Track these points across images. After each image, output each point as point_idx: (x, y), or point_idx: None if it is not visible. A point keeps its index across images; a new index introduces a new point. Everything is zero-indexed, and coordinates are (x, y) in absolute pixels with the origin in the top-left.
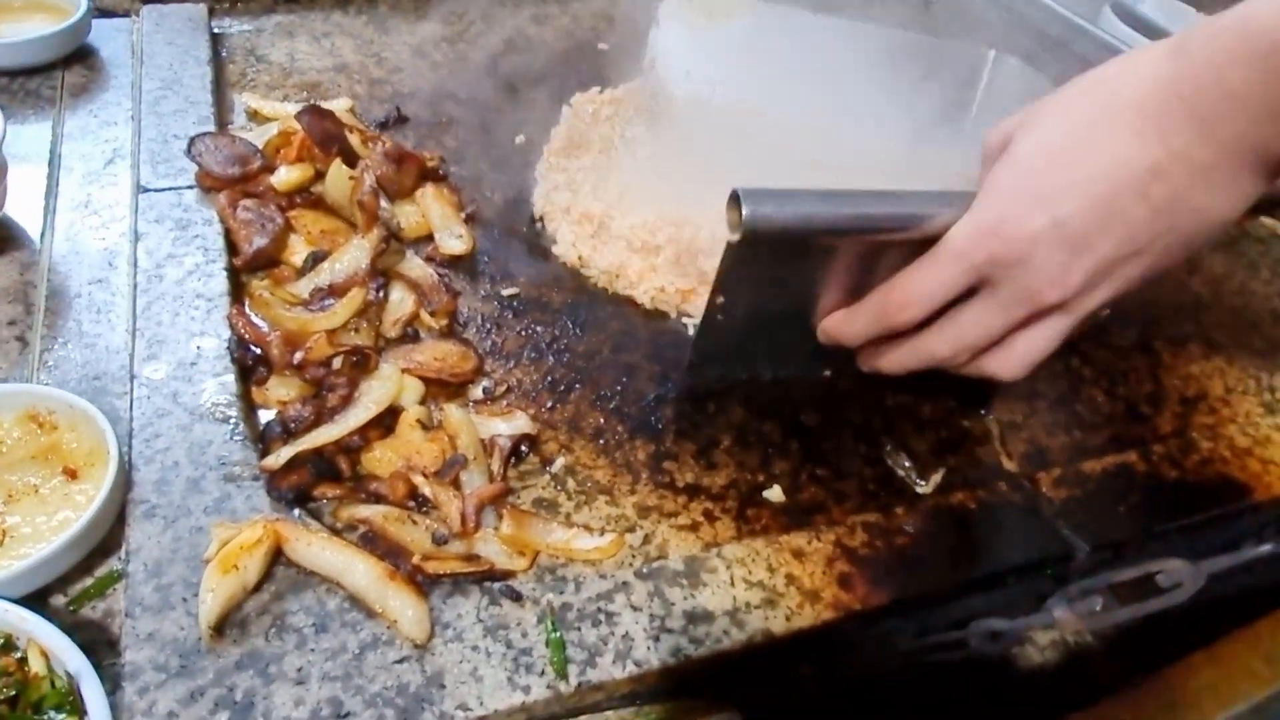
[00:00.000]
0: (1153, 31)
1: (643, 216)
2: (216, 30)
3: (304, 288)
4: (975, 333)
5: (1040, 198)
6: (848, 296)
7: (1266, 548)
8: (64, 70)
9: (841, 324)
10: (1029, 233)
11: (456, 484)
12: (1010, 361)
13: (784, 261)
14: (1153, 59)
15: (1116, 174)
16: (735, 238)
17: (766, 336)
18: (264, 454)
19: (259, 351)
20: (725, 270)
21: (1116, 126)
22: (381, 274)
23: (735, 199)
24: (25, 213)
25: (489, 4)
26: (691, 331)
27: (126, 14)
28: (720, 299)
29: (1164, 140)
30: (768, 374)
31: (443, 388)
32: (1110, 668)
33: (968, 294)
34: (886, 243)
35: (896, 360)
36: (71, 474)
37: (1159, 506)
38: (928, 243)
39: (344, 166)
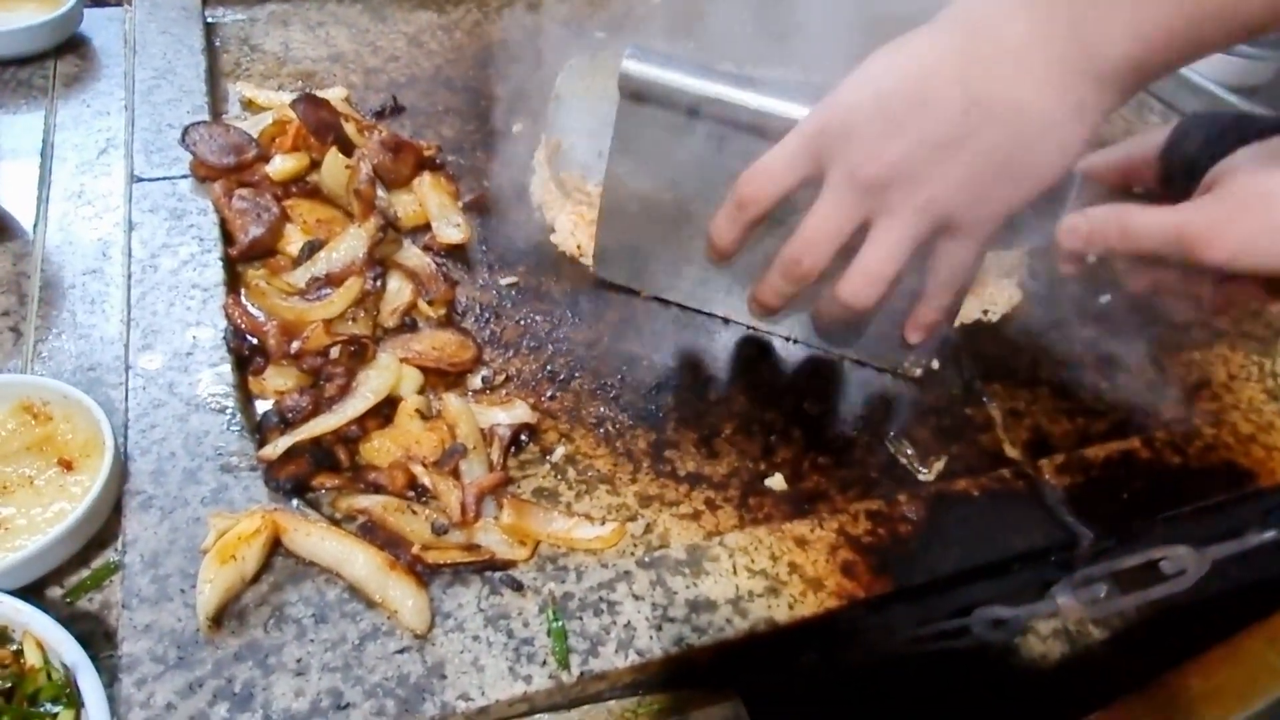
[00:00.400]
0: None
1: None
2: (210, 19)
3: (300, 277)
4: (815, 225)
5: (868, 77)
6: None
7: (1271, 534)
8: (56, 60)
9: (714, 226)
10: (851, 101)
11: (456, 474)
12: (855, 278)
13: (672, 137)
14: None
15: (937, 59)
16: (622, 93)
17: (668, 244)
18: (261, 444)
19: (255, 341)
20: (618, 132)
21: (950, 23)
22: (379, 263)
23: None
24: (18, 203)
25: None
26: (689, 319)
27: (119, 3)
28: (618, 168)
29: (991, 33)
30: (672, 294)
31: (441, 377)
32: (1127, 667)
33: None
34: (761, 139)
35: (769, 286)
36: (67, 465)
37: (1163, 493)
38: None
39: (340, 155)
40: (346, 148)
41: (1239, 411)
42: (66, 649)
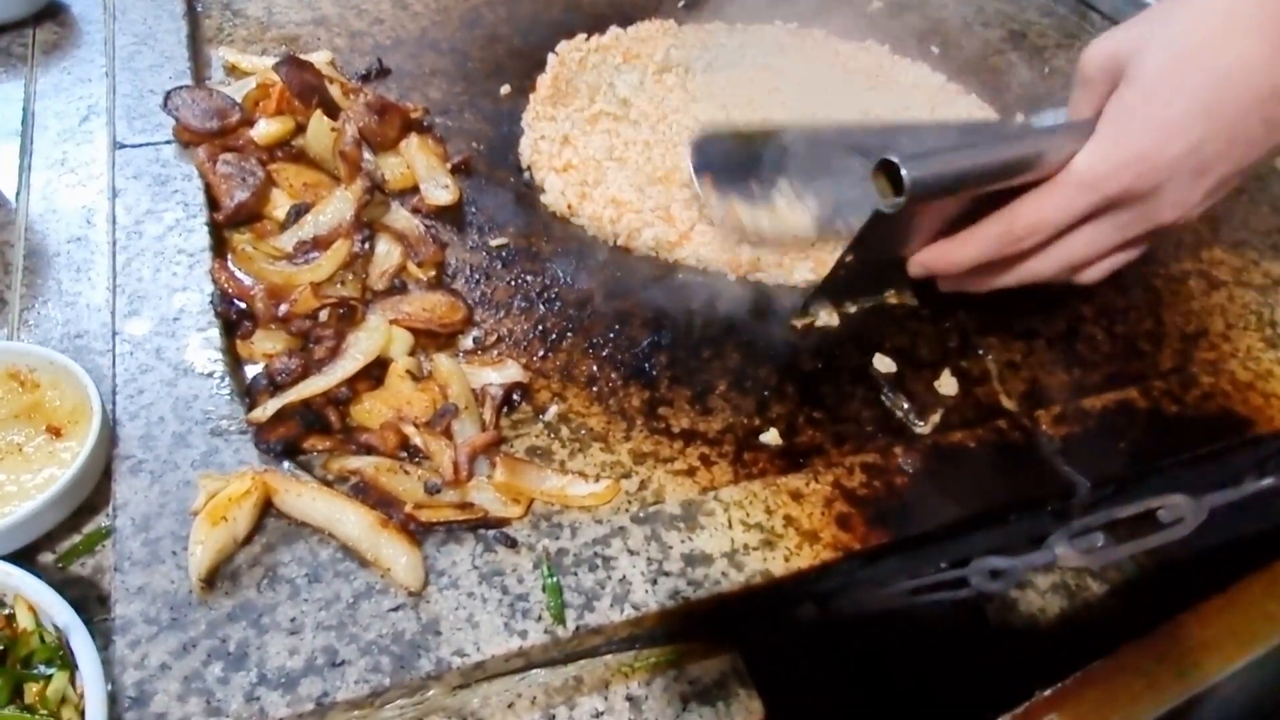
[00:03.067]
0: None
1: (633, 164)
2: None
3: (287, 241)
4: (1086, 253)
5: (1171, 125)
6: (944, 230)
7: (1268, 481)
8: (35, 27)
9: (946, 254)
10: (1167, 162)
11: (448, 433)
12: (1097, 272)
13: (917, 213)
14: None
15: (1243, 94)
16: (894, 203)
17: (866, 277)
18: (251, 407)
19: (243, 305)
20: (865, 234)
21: (1238, 36)
22: (366, 226)
23: (888, 167)
24: (0, 172)
25: None
26: (682, 277)
27: None
28: (849, 258)
29: None
30: (854, 307)
31: (432, 339)
32: (1127, 620)
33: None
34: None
35: (994, 282)
36: (55, 432)
37: (1160, 441)
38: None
39: (325, 118)
40: (331, 111)
41: (1237, 360)
42: (58, 611)
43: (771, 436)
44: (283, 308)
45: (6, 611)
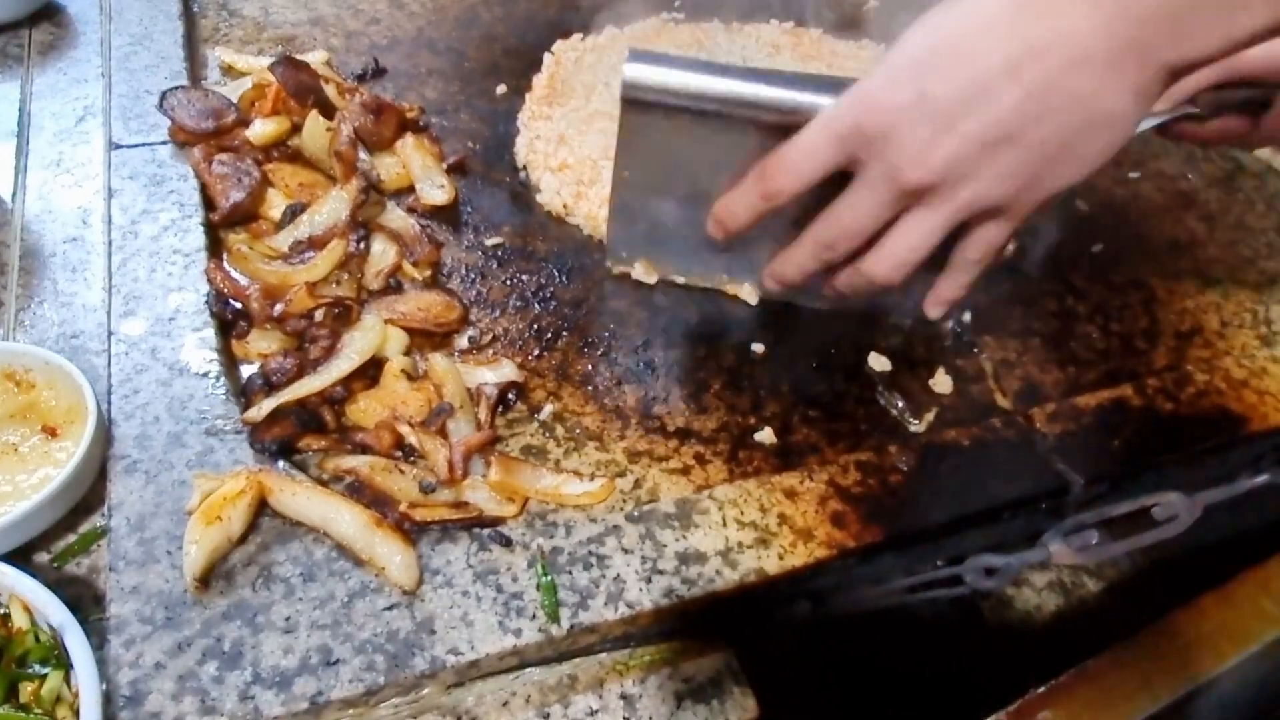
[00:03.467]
0: None
1: None
2: None
3: (283, 241)
4: (851, 217)
5: (910, 73)
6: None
7: (1263, 478)
8: (31, 28)
9: (725, 206)
10: (893, 103)
11: (443, 433)
12: (883, 260)
13: (676, 134)
14: None
15: (990, 51)
16: (623, 97)
17: (676, 229)
18: (246, 407)
19: (238, 305)
20: (621, 137)
21: (998, 6)
22: (362, 225)
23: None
24: None
25: None
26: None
27: None
28: (625, 173)
29: (1047, 18)
30: (681, 276)
31: (427, 338)
32: (1124, 618)
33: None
34: (774, 130)
35: (793, 262)
36: (51, 432)
37: (1154, 439)
38: None
39: (321, 118)
40: (327, 110)
41: (1232, 357)
42: (53, 611)
43: (766, 435)
44: (278, 307)
45: (1, 611)
